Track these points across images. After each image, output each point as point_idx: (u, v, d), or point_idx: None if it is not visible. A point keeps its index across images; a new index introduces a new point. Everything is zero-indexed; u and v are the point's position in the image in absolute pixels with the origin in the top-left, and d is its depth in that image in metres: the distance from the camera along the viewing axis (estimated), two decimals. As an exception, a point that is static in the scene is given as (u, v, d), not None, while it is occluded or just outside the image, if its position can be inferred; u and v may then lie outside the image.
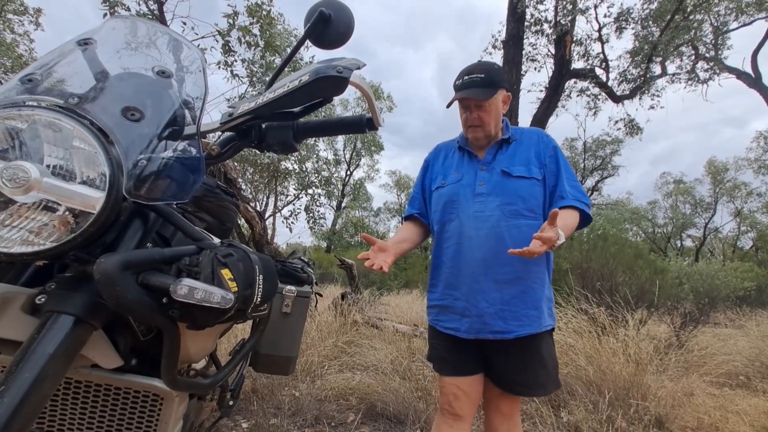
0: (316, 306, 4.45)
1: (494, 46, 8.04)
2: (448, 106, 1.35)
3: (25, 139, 0.51)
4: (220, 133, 0.90)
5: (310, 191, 9.07)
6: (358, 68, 0.72)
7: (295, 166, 8.01)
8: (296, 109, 0.83)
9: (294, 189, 9.22)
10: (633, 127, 8.96)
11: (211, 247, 0.64)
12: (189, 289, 0.53)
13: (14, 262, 0.61)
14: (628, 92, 8.25)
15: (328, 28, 0.82)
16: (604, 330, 3.14)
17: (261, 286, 0.66)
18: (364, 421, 2.39)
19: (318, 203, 9.69)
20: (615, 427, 2.21)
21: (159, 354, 0.63)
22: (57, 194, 0.50)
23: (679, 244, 20.85)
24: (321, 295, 3.61)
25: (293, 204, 9.60)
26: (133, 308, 0.53)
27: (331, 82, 0.69)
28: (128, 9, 5.21)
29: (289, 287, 1.36)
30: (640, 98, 8.28)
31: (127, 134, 0.56)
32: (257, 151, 0.91)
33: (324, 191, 9.71)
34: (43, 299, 0.54)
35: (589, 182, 18.04)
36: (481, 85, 1.28)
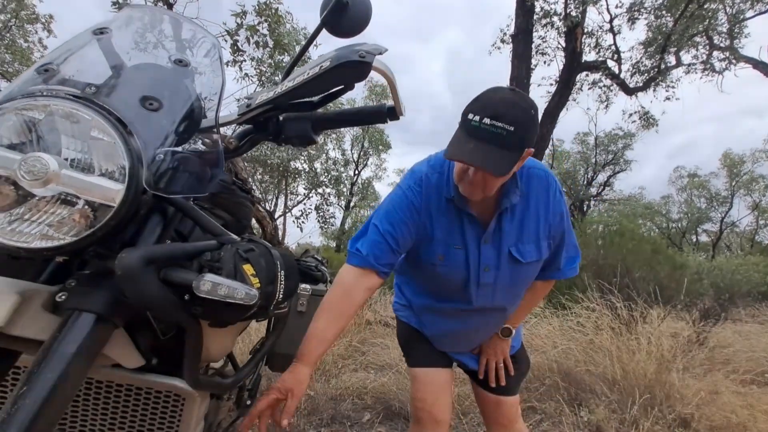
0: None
1: (503, 41, 7.95)
2: (447, 158, 0.94)
3: (42, 130, 0.49)
4: (236, 126, 0.88)
5: (320, 191, 9.10)
6: (380, 53, 0.69)
7: (305, 166, 8.03)
8: (315, 99, 0.80)
9: (304, 189, 9.26)
10: (648, 120, 8.77)
11: (231, 242, 0.61)
12: (212, 285, 0.51)
13: (34, 259, 0.59)
14: (641, 84, 8.08)
15: (345, 15, 0.79)
16: (624, 327, 3.07)
17: (283, 282, 0.64)
18: (380, 421, 2.37)
19: (328, 203, 9.72)
20: (638, 426, 2.15)
21: (178, 353, 0.61)
22: (76, 187, 0.48)
23: (694, 239, 20.39)
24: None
25: (304, 204, 9.65)
26: (155, 305, 0.51)
27: (353, 68, 0.66)
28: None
29: (303, 286, 1.33)
30: (654, 90, 8.10)
31: (146, 124, 0.54)
32: (275, 144, 0.89)
33: (334, 190, 9.72)
34: (63, 297, 0.52)
35: (601, 177, 17.78)
36: (502, 146, 0.88)
